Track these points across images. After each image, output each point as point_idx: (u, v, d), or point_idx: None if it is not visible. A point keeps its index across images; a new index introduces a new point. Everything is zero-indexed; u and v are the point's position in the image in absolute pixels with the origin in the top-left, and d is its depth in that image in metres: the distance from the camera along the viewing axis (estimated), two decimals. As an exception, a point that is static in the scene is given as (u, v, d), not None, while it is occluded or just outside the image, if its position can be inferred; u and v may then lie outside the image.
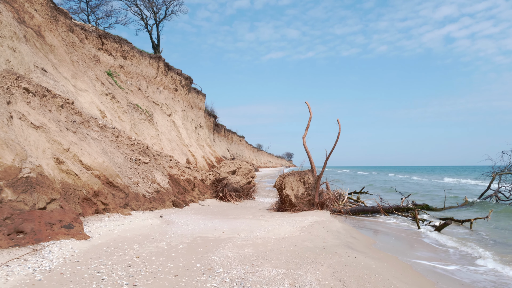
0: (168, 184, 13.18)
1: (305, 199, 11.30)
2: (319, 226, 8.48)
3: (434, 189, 29.41)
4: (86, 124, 12.37)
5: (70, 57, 18.11)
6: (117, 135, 13.55)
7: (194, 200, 13.85)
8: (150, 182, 12.39)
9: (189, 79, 36.50)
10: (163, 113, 28.53)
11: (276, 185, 12.06)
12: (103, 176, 10.32)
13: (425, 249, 7.77)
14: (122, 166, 12.09)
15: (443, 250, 7.73)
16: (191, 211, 11.48)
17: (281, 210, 11.75)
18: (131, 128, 19.43)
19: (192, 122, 37.64)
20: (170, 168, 14.26)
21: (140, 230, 7.56)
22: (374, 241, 7.74)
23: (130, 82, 24.71)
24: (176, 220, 9.15)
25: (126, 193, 10.67)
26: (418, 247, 7.86)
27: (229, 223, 8.89)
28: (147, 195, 11.62)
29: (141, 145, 14.29)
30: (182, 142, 28.37)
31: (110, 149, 12.40)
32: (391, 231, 9.83)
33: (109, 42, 24.18)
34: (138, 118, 21.32)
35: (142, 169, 12.80)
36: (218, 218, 9.90)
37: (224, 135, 69.82)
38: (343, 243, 6.89)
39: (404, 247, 7.85)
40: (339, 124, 11.38)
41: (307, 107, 12.33)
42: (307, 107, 12.28)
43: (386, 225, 10.96)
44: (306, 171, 11.89)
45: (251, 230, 7.91)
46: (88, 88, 17.54)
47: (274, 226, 8.39)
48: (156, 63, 29.50)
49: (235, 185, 14.87)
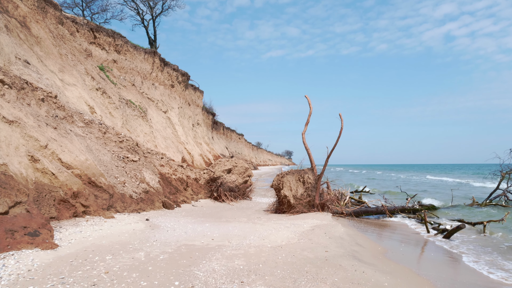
0: (158, 183, 12.34)
1: (305, 200, 10.46)
2: (320, 231, 7.65)
3: (434, 187, 28.62)
4: (70, 120, 11.52)
5: (58, 50, 17.24)
6: (104, 131, 12.70)
7: (187, 200, 13.01)
8: (139, 181, 11.55)
9: (186, 75, 35.62)
10: (159, 109, 27.65)
11: (274, 185, 11.22)
12: (85, 176, 9.48)
13: (441, 258, 6.93)
14: (108, 165, 11.25)
15: (462, 260, 6.90)
16: (181, 213, 10.65)
17: (279, 211, 10.92)
18: (122, 124, 18.58)
19: (189, 119, 36.78)
20: (161, 167, 13.42)
21: (119, 236, 6.72)
22: (384, 249, 6.90)
23: (123, 78, 23.85)
24: (162, 224, 8.32)
25: (110, 193, 9.84)
26: (434, 257, 7.01)
27: (220, 227, 8.06)
28: (134, 195, 10.78)
29: (130, 142, 13.45)
30: (178, 140, 27.51)
31: (95, 146, 11.56)
32: (398, 236, 9.01)
33: (102, 36, 23.31)
34: (131, 115, 20.46)
35: (130, 167, 11.96)
36: (209, 221, 9.07)
37: (223, 133, 68.97)
38: (348, 252, 6.05)
39: (417, 256, 7.02)
40: (342, 119, 10.53)
41: (307, 101, 11.48)
42: (307, 102, 11.43)
43: (392, 229, 10.13)
44: (306, 170, 11.05)
45: (244, 236, 7.07)
46: (77, 82, 16.69)
47: (270, 232, 7.56)
48: (151, 58, 28.63)
49: (230, 184, 14.04)
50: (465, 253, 7.32)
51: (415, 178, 44.63)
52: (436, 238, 8.90)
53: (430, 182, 36.77)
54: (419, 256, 6.98)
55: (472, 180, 38.04)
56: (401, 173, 68.53)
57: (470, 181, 35.61)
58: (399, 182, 35.78)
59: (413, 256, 6.86)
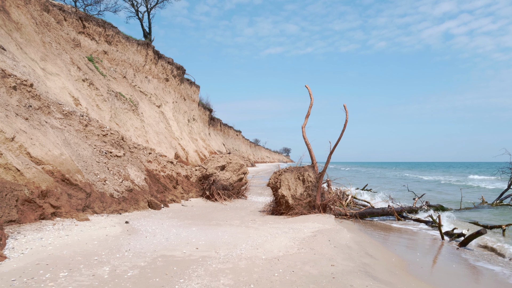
0: (144, 181, 11.29)
1: (305, 200, 9.43)
2: (324, 237, 6.62)
3: (435, 186, 27.68)
4: (46, 110, 10.44)
5: (41, 37, 16.11)
6: (86, 123, 11.62)
7: (176, 199, 11.97)
8: (122, 179, 10.50)
9: (182, 69, 34.49)
10: (152, 103, 26.54)
11: (270, 184, 10.18)
12: (58, 172, 8.42)
13: (469, 271, 5.93)
14: (88, 160, 10.19)
15: (497, 273, 5.90)
16: (168, 214, 9.61)
17: (276, 213, 9.89)
18: (111, 118, 17.49)
19: (185, 115, 35.68)
20: (149, 163, 12.36)
21: (87, 244, 5.68)
22: (399, 260, 5.88)
23: (114, 69, 22.73)
24: (143, 228, 7.28)
25: (87, 192, 8.79)
26: (459, 270, 6.00)
27: (209, 232, 7.03)
28: (115, 194, 9.73)
29: (115, 135, 12.38)
30: (171, 135, 26.43)
31: (74, 140, 10.49)
32: (410, 242, 8.00)
33: (91, 26, 22.15)
34: (121, 108, 19.37)
35: (113, 163, 10.90)
36: (197, 224, 8.03)
37: (220, 129, 67.88)
38: (359, 266, 5.03)
39: (440, 269, 6.01)
40: (346, 110, 9.48)
41: (308, 91, 10.44)
42: (308, 92, 10.38)
43: (401, 233, 9.13)
44: (306, 167, 10.02)
45: (235, 244, 6.04)
46: (61, 72, 15.58)
47: (266, 238, 6.53)
48: (144, 50, 27.48)
49: (224, 182, 13.00)
50: (497, 263, 6.33)
51: (411, 177, 43.73)
52: (452, 244, 7.90)
53: (427, 181, 35.85)
54: (442, 269, 5.97)
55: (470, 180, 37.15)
56: (398, 171, 67.69)
57: (469, 182, 34.70)
58: (395, 181, 34.85)
59: (435, 270, 5.84)
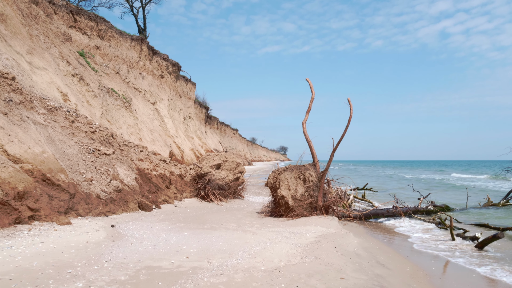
0: (135, 180, 10.62)
1: (306, 201, 8.80)
2: (329, 244, 5.99)
3: (436, 185, 27.16)
4: (28, 105, 9.75)
5: (28, 30, 15.37)
6: (73, 119, 10.93)
7: (169, 200, 11.31)
8: (110, 178, 9.83)
9: (177, 66, 33.76)
10: (146, 100, 25.83)
11: (269, 183, 9.54)
12: (38, 171, 7.74)
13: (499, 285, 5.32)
14: (73, 158, 9.51)
15: None
16: (159, 217, 8.96)
17: (275, 214, 9.26)
18: (102, 114, 16.79)
19: (180, 112, 34.99)
20: (140, 161, 11.69)
21: (62, 253, 5.02)
22: (414, 270, 5.25)
23: (106, 65, 22.00)
24: (129, 233, 6.62)
25: (71, 193, 8.12)
26: (483, 281, 5.39)
27: (202, 237, 6.38)
28: (103, 195, 9.06)
29: (104, 132, 11.69)
30: (166, 133, 25.73)
31: (59, 137, 9.81)
32: (421, 247, 7.39)
33: (83, 20, 21.38)
34: (113, 104, 18.66)
35: (101, 162, 10.22)
36: (189, 228, 7.38)
37: (217, 127, 67.21)
38: (372, 279, 4.40)
39: (462, 282, 5.38)
40: (351, 105, 8.85)
41: (309, 85, 9.80)
42: (309, 86, 9.74)
43: (409, 235, 8.52)
44: (307, 165, 9.38)
45: (231, 252, 5.40)
46: (49, 66, 14.86)
47: (265, 244, 5.89)
48: (138, 46, 26.75)
49: (219, 181, 12.35)
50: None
51: (407, 176, 43.26)
52: (464, 247, 7.30)
53: (428, 180, 35.37)
54: (464, 282, 5.34)
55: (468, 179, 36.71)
56: (386, 170, 67.35)
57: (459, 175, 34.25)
58: (389, 180, 34.33)
59: (458, 283, 5.22)
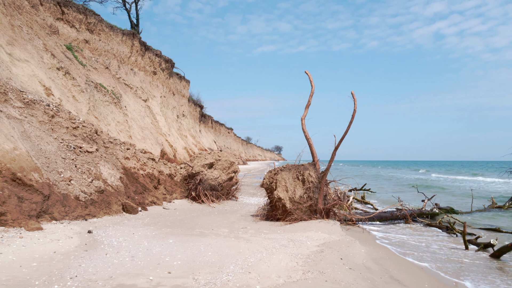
0: (119, 180, 9.82)
1: (305, 204, 8.06)
2: (333, 254, 5.26)
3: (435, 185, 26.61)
4: (2, 98, 8.92)
5: (10, 20, 14.49)
6: (52, 114, 10.11)
7: (157, 201, 10.53)
8: (92, 178, 9.03)
9: (170, 62, 32.92)
10: (137, 97, 24.97)
11: (265, 184, 8.79)
12: (7, 170, 6.94)
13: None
14: (51, 156, 8.70)
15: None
16: (144, 220, 8.18)
17: (271, 218, 8.52)
18: (89, 110, 15.95)
19: (174, 110, 34.14)
20: (126, 160, 10.89)
21: (21, 268, 4.24)
22: (436, 283, 4.54)
23: (95, 60, 21.13)
24: (107, 240, 5.84)
25: (45, 194, 7.32)
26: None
27: (189, 246, 5.62)
28: (82, 196, 8.26)
29: (88, 128, 10.88)
30: (158, 131, 24.89)
31: (36, 133, 8.99)
32: (434, 256, 6.69)
33: (71, 12, 20.49)
34: (101, 100, 17.81)
35: (83, 160, 9.42)
36: (176, 234, 6.61)
37: (211, 126, 66.40)
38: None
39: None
40: (355, 98, 8.11)
41: (308, 78, 9.07)
42: (308, 78, 9.01)
43: (417, 241, 7.83)
44: (306, 165, 8.65)
45: (221, 265, 4.65)
46: (31, 59, 14.00)
47: (260, 255, 5.15)
48: (130, 41, 25.87)
49: (212, 182, 11.58)
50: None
51: (401, 175, 42.78)
52: (480, 254, 6.62)
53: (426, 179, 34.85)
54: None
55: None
56: (377, 169, 67.04)
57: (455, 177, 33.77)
58: (367, 177, 33.79)
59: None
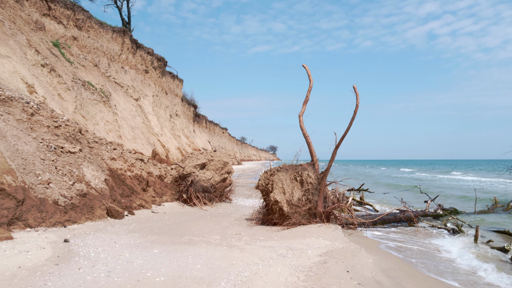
0: (104, 183, 9.16)
1: (304, 207, 7.47)
2: (338, 265, 4.67)
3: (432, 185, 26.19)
4: (-26, 94, 8.24)
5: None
6: (32, 112, 9.42)
7: (145, 205, 9.89)
8: (74, 180, 8.36)
9: (163, 61, 32.21)
10: (128, 96, 24.25)
11: (260, 186, 8.18)
12: (-25, 173, 6.27)
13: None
14: (29, 157, 8.03)
15: None
16: (129, 226, 7.53)
17: (267, 222, 7.91)
18: (75, 109, 15.24)
19: (166, 110, 33.43)
20: (112, 161, 10.22)
21: (-26, 288, 3.60)
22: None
23: (84, 57, 20.39)
24: (84, 250, 5.20)
25: (19, 199, 6.65)
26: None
27: (175, 257, 5.00)
28: (61, 201, 7.60)
29: (71, 128, 10.20)
30: (150, 131, 24.19)
31: (13, 132, 8.31)
32: (446, 265, 6.13)
33: (58, 8, 19.74)
34: (89, 99, 17.10)
35: (64, 161, 8.75)
36: (162, 242, 5.98)
37: (205, 126, 65.72)
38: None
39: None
40: (357, 93, 7.51)
41: (306, 72, 8.48)
42: (306, 72, 8.42)
43: (425, 247, 7.27)
44: (304, 165, 8.05)
45: (211, 281, 4.04)
46: (13, 54, 13.28)
47: (256, 267, 4.54)
48: (120, 38, 25.15)
49: (204, 183, 10.96)
50: None
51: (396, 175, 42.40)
52: (500, 258, 6.08)
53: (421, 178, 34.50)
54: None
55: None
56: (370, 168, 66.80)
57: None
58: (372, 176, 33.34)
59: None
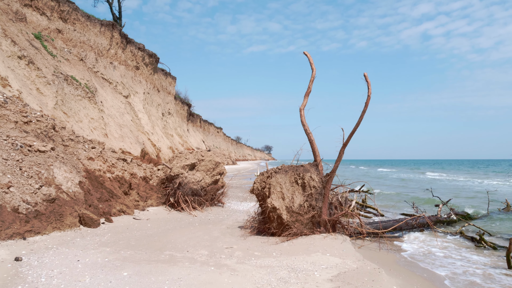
0: (78, 186, 8.07)
1: (306, 215, 6.44)
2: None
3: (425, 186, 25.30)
4: None
5: (-39, 0, 12.63)
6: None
7: (127, 210, 8.81)
8: (41, 183, 7.27)
9: (154, 57, 31.06)
10: (117, 92, 23.10)
11: (255, 190, 7.13)
12: None
13: None
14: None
15: None
16: (102, 237, 6.45)
17: (264, 232, 6.87)
18: (56, 105, 14.11)
19: (158, 108, 32.27)
20: (90, 161, 9.12)
21: None
22: None
23: (69, 51, 19.22)
24: (34, 274, 4.13)
25: (-33, 207, 5.56)
26: None
27: (148, 283, 3.93)
28: (23, 207, 6.50)
29: (43, 124, 9.10)
30: (140, 129, 23.07)
31: (-30, 127, 7.20)
32: (476, 279, 5.13)
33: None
34: (72, 94, 15.96)
35: (31, 161, 7.65)
36: (136, 260, 4.90)
37: (200, 125, 64.54)
38: None
39: None
40: (368, 82, 6.47)
41: (308, 60, 7.46)
42: (308, 60, 7.40)
43: (462, 268, 6.28)
44: (306, 166, 7.02)
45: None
46: (-15, 44, 12.15)
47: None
48: (109, 32, 23.98)
49: (193, 185, 9.90)
50: None
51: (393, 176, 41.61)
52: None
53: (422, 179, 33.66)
54: None
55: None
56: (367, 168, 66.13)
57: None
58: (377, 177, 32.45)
59: None
